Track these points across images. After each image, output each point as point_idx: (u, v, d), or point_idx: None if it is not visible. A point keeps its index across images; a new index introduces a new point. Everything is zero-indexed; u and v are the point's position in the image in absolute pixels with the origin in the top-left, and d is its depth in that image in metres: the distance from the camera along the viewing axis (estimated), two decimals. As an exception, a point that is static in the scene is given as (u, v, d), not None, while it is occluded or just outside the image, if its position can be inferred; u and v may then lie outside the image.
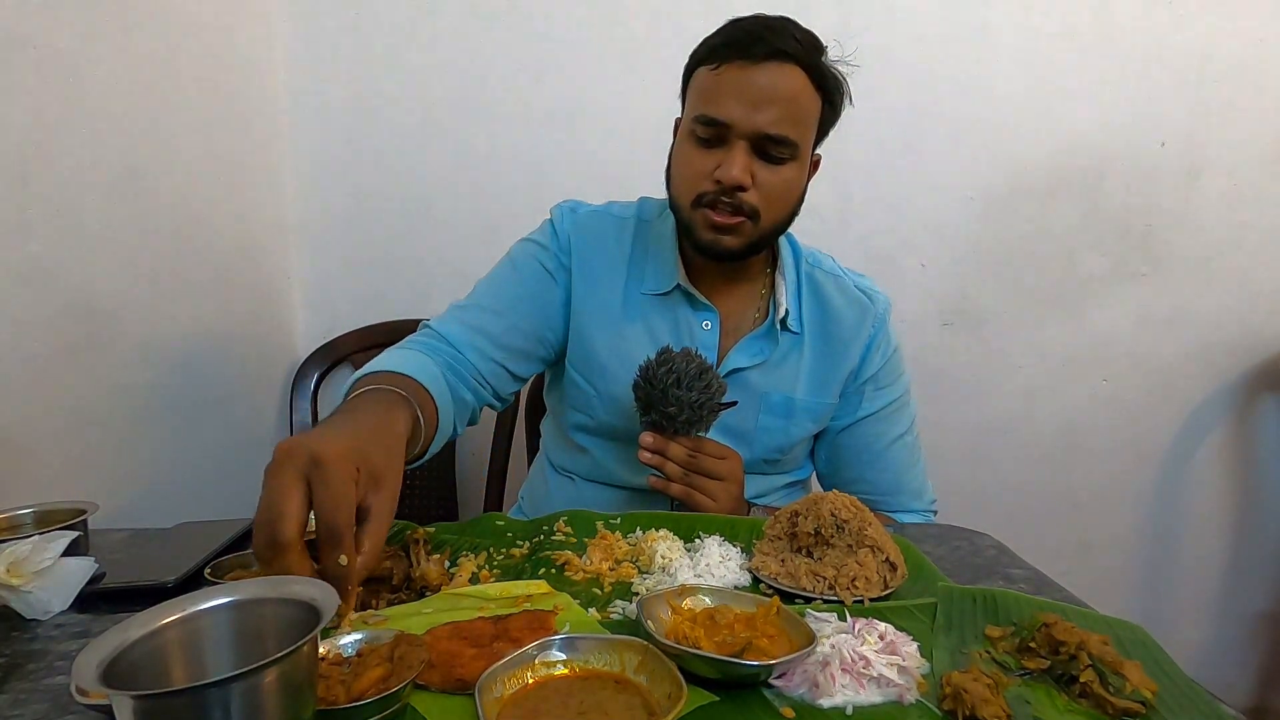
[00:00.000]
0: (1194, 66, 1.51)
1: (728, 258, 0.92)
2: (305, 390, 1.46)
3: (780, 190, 0.89)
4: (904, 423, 1.04)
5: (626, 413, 0.97)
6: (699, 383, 0.83)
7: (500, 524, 0.82)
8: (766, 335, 0.98)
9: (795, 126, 0.86)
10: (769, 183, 0.87)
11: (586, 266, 1.00)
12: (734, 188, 0.86)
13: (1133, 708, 0.49)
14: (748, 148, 0.86)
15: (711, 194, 0.87)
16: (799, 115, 0.86)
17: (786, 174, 0.88)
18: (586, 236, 1.01)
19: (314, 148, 1.49)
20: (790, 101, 0.85)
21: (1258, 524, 1.68)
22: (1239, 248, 1.58)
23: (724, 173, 0.85)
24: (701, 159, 0.88)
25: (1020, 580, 0.72)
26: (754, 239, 0.91)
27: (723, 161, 0.86)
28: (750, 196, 0.87)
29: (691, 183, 0.89)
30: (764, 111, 0.84)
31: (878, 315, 1.01)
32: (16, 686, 0.53)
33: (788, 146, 0.86)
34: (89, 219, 1.00)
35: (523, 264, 1.00)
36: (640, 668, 0.50)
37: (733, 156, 0.85)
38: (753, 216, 0.88)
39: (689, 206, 0.90)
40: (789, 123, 0.85)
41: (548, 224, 1.04)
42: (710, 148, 0.88)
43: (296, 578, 0.47)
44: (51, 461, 0.95)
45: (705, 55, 0.88)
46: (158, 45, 1.12)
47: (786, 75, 0.84)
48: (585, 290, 0.99)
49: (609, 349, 0.98)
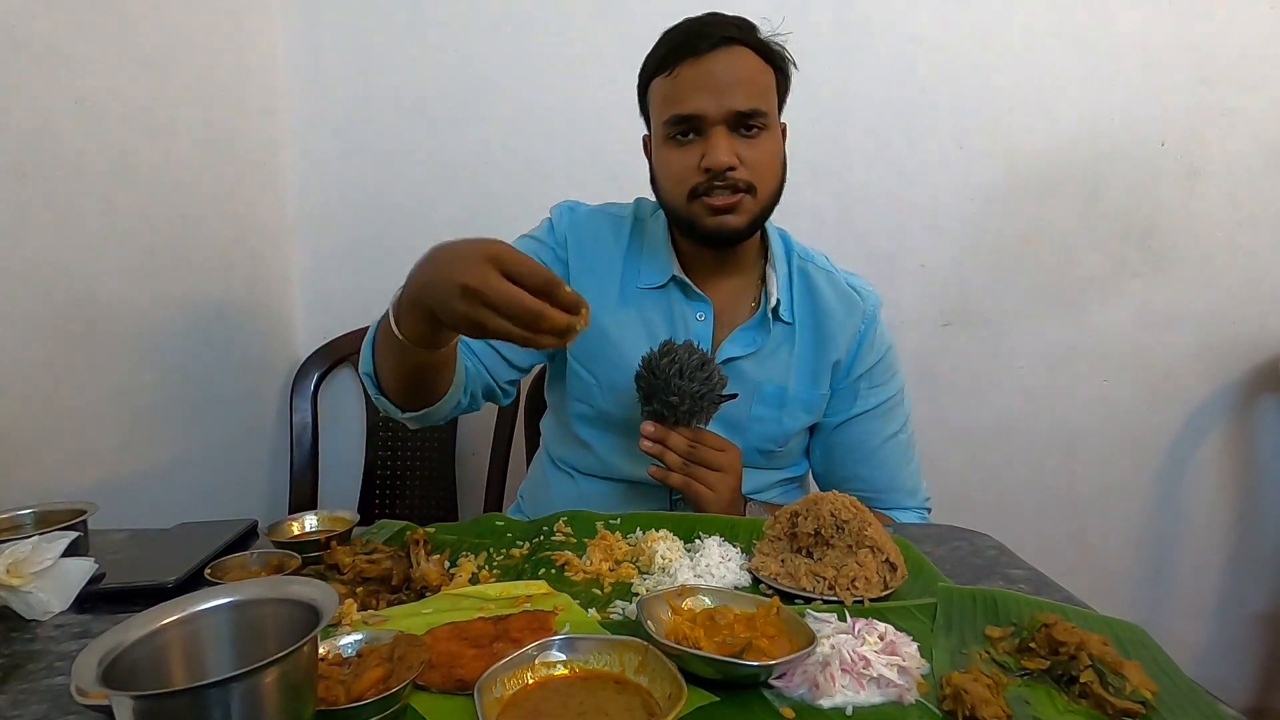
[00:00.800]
0: (1194, 66, 1.51)
1: (735, 238, 0.95)
2: (305, 390, 1.46)
3: (766, 160, 0.92)
4: (898, 421, 1.05)
5: (626, 401, 0.98)
6: (700, 374, 0.85)
7: (500, 524, 0.82)
8: (759, 325, 1.00)
9: (761, 98, 0.90)
10: (754, 157, 0.91)
11: (584, 261, 1.02)
12: (725, 169, 0.88)
13: (1133, 708, 0.49)
14: (725, 131, 0.89)
15: (704, 183, 0.90)
16: (760, 88, 0.91)
17: (767, 144, 0.92)
18: (584, 233, 1.03)
19: (314, 148, 1.49)
20: (748, 79, 0.89)
21: (1258, 524, 1.68)
22: (1239, 248, 1.58)
23: (711, 159, 0.88)
24: (685, 156, 0.91)
25: (1020, 580, 0.72)
26: (755, 213, 0.93)
27: (705, 150, 0.89)
28: (741, 173, 0.90)
29: (681, 179, 0.92)
30: (730, 93, 0.88)
31: (867, 312, 1.03)
32: (16, 687, 0.53)
33: (760, 116, 0.90)
34: (89, 219, 1.00)
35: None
36: (640, 668, 0.50)
37: (715, 142, 0.88)
38: (749, 191, 0.91)
39: (685, 203, 0.92)
40: (755, 96, 0.89)
41: (546, 222, 1.06)
42: (689, 144, 0.91)
43: (296, 578, 0.47)
44: (51, 461, 0.95)
45: (655, 67, 0.93)
46: (158, 45, 1.12)
47: (737, 56, 0.89)
48: (583, 281, 1.01)
49: (608, 338, 0.99)
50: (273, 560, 0.68)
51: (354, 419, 1.54)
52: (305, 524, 0.76)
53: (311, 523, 0.76)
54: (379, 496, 1.51)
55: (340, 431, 1.54)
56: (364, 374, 0.90)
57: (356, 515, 0.76)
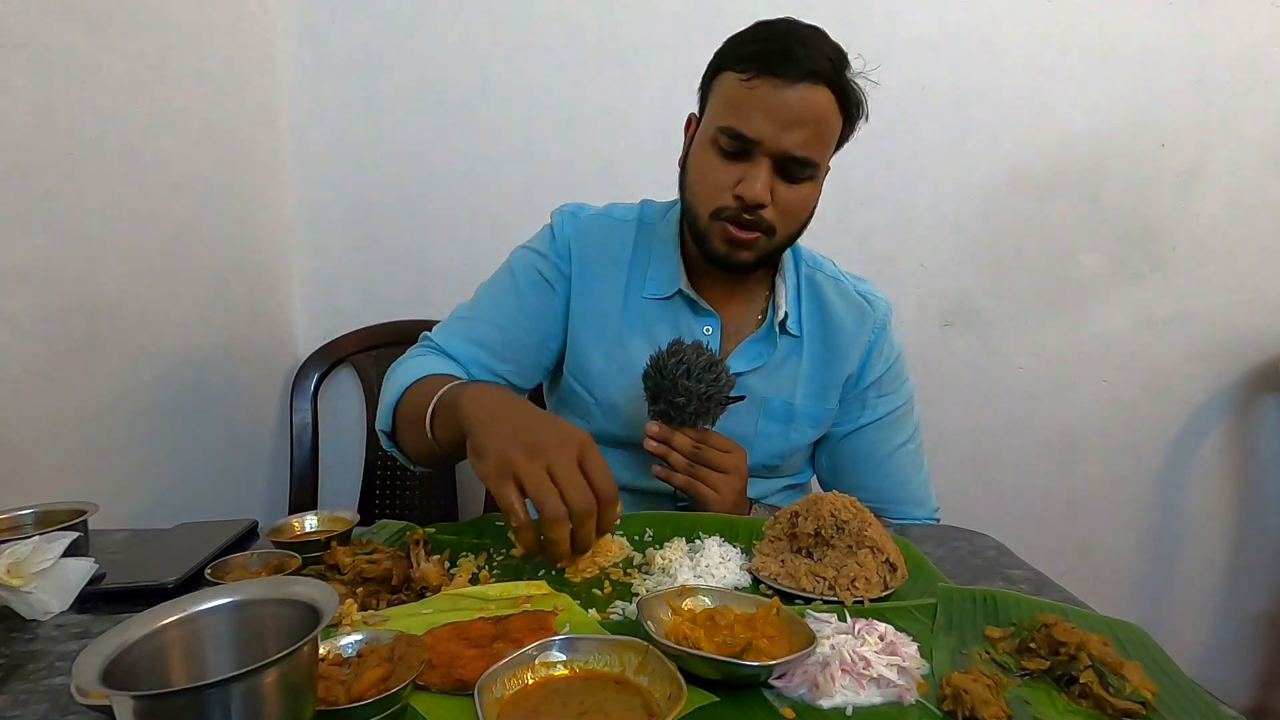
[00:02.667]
0: (1194, 66, 1.51)
1: (740, 270, 0.93)
2: (305, 390, 1.46)
3: (797, 208, 0.89)
4: (907, 430, 1.03)
5: (625, 421, 0.97)
6: (708, 375, 0.84)
7: (500, 524, 0.82)
8: (765, 339, 0.98)
9: (819, 148, 0.86)
10: (787, 200, 0.87)
11: (587, 271, 0.99)
12: (757, 205, 0.86)
13: (1133, 708, 0.49)
14: (770, 165, 0.85)
15: (732, 209, 0.87)
16: (824, 137, 0.86)
17: (804, 192, 0.89)
18: (587, 241, 1.00)
19: (314, 147, 1.49)
20: (817, 124, 0.84)
21: (1258, 524, 1.68)
22: (1239, 248, 1.58)
23: (747, 189, 0.85)
24: (724, 171, 0.87)
25: (1020, 581, 0.72)
26: (767, 252, 0.91)
27: (744, 176, 0.85)
28: (769, 213, 0.87)
29: (712, 194, 0.88)
30: (793, 133, 0.83)
31: (878, 321, 1.01)
32: (16, 687, 0.53)
33: (810, 167, 0.86)
34: (89, 219, 1.00)
35: (521, 274, 1.00)
36: (640, 668, 0.50)
37: (756, 173, 0.85)
38: (769, 232, 0.89)
39: (707, 217, 0.90)
40: (814, 145, 0.85)
41: (547, 230, 1.03)
42: (733, 160, 0.87)
43: (296, 578, 0.47)
44: (51, 461, 0.95)
45: (735, 62, 0.86)
46: (157, 45, 1.12)
47: (816, 97, 0.83)
48: (584, 297, 0.99)
49: (607, 357, 0.98)
50: (273, 560, 0.68)
51: (354, 419, 1.54)
52: (305, 524, 0.75)
53: (311, 523, 0.76)
54: (379, 496, 1.51)
55: (340, 431, 1.54)
56: (380, 431, 0.92)
57: (356, 515, 0.76)
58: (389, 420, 0.91)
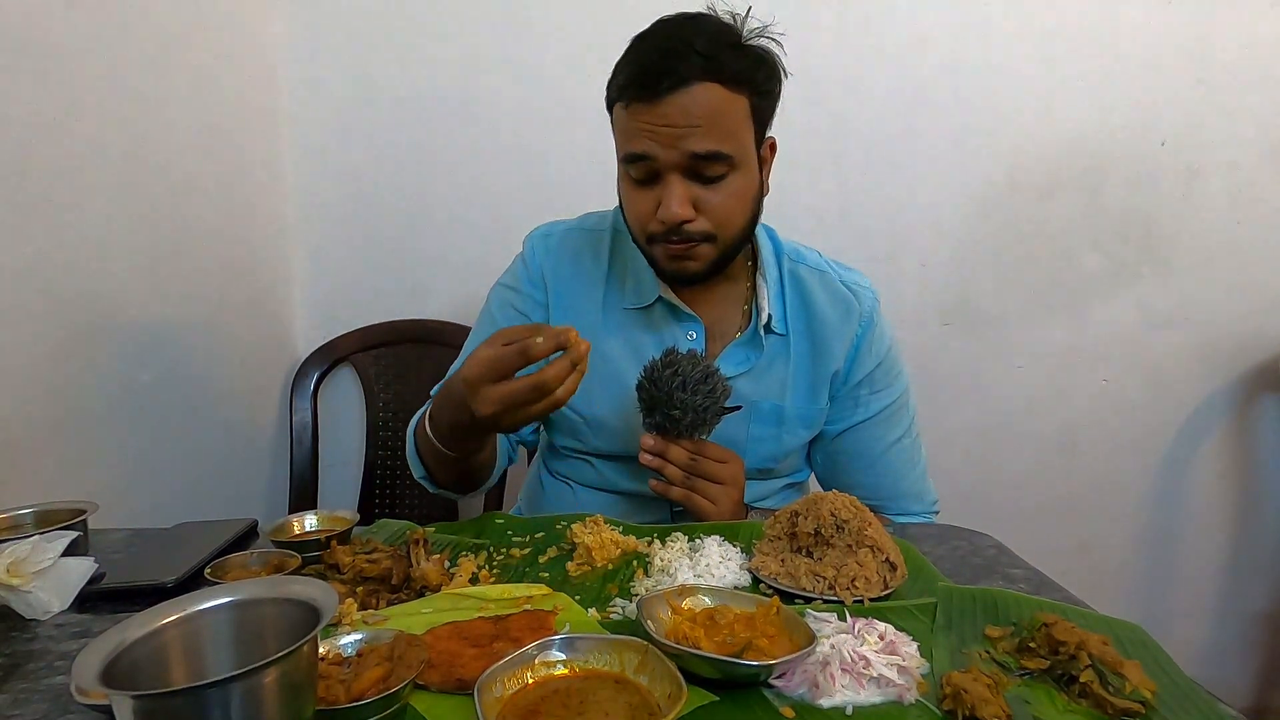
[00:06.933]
0: (1194, 66, 1.51)
1: (697, 280, 0.91)
2: (305, 390, 1.46)
3: (729, 206, 0.85)
4: (902, 425, 1.02)
5: (616, 435, 0.96)
6: (704, 386, 0.82)
7: (500, 523, 0.82)
8: (751, 342, 0.96)
9: (724, 139, 0.82)
10: (713, 203, 0.84)
11: (564, 290, 0.99)
12: (679, 223, 0.83)
13: (1132, 708, 0.49)
14: (681, 178, 0.83)
15: (661, 233, 0.85)
16: (724, 126, 0.82)
17: (731, 187, 0.85)
18: (560, 261, 1.00)
19: (314, 147, 1.49)
20: (710, 119, 0.80)
21: (1258, 524, 1.68)
22: (1239, 247, 1.58)
23: (664, 212, 0.83)
24: (642, 199, 0.86)
25: (1020, 580, 0.72)
26: (716, 258, 0.88)
27: (661, 198, 0.83)
28: (698, 225, 0.84)
29: (640, 223, 0.88)
30: (686, 140, 0.80)
31: (864, 313, 0.98)
32: (16, 686, 0.54)
33: (722, 161, 0.82)
34: (88, 218, 1.00)
35: (500, 314, 1.01)
36: (640, 668, 0.50)
37: (670, 192, 0.82)
38: (708, 239, 0.86)
39: (645, 244, 0.90)
40: (715, 138, 0.81)
41: (518, 261, 1.03)
42: (647, 185, 0.85)
43: (296, 578, 0.47)
44: (51, 461, 0.95)
45: (616, 92, 0.85)
46: (158, 45, 1.12)
47: (697, 96, 0.79)
48: (563, 317, 0.98)
49: (591, 373, 0.97)
50: (273, 560, 0.68)
51: (354, 419, 1.54)
52: (305, 524, 0.76)
53: (311, 522, 0.76)
54: (379, 496, 1.51)
55: (340, 431, 1.54)
56: (420, 479, 0.96)
57: (356, 515, 0.76)
58: (419, 466, 0.95)
